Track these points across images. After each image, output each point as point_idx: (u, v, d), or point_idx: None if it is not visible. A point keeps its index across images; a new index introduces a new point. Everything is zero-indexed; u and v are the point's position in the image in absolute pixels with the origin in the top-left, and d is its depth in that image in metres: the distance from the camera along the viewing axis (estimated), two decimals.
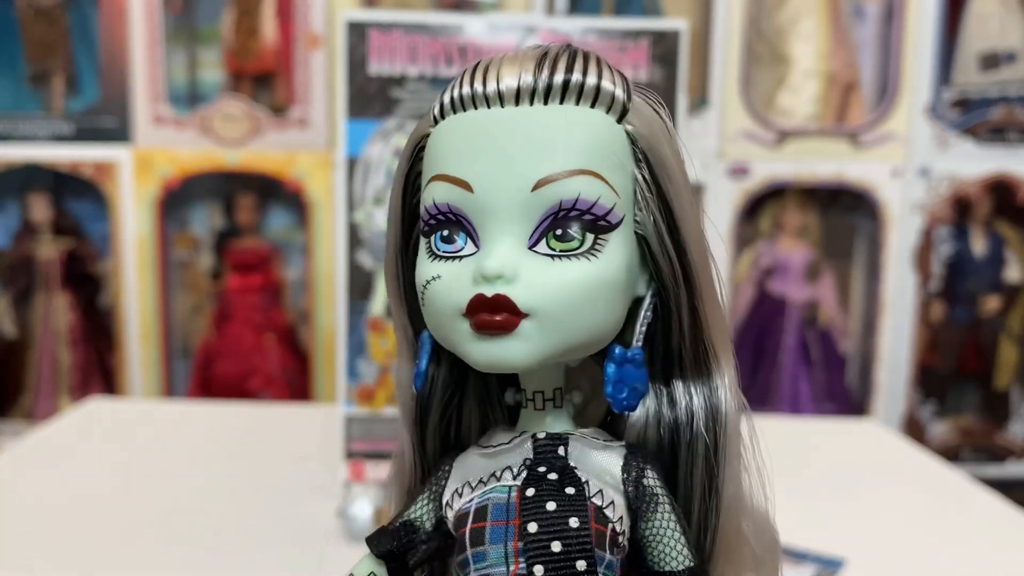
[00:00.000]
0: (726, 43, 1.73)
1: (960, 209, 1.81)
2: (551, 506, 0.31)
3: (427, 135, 0.33)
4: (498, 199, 0.30)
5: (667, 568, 0.32)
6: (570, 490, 0.31)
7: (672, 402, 0.34)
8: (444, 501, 0.34)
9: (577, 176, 0.30)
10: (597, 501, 0.32)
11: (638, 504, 0.32)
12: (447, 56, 0.81)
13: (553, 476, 0.32)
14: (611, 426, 0.36)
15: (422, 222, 0.32)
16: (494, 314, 0.29)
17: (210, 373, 1.77)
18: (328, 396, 1.75)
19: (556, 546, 0.30)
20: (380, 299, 0.83)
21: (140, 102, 1.71)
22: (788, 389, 1.83)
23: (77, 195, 1.80)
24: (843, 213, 1.87)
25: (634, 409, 0.33)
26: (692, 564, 0.33)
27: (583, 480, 0.32)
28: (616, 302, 0.32)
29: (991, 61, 1.79)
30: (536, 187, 0.30)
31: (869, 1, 1.83)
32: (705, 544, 0.34)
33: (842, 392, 1.86)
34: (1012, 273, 1.84)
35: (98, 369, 1.81)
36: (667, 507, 0.33)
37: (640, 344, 0.33)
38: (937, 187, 1.77)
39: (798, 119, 1.82)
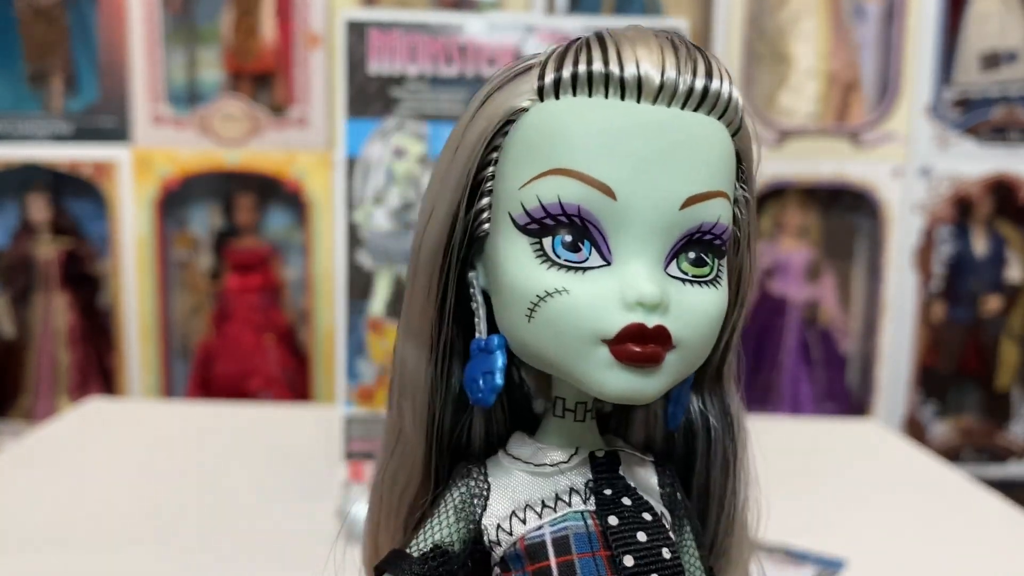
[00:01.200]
0: (726, 42, 1.72)
1: (961, 209, 1.81)
2: (642, 537, 0.29)
3: (523, 109, 0.29)
4: (645, 213, 0.27)
5: None
6: (647, 516, 0.30)
7: (687, 410, 0.34)
8: (493, 524, 0.30)
9: (718, 198, 0.28)
10: (666, 523, 0.30)
11: (671, 518, 0.32)
12: (447, 56, 0.81)
13: (627, 501, 0.30)
14: (614, 428, 0.35)
15: (526, 217, 0.27)
16: (645, 345, 0.26)
17: (209, 373, 1.76)
18: (328, 396, 1.74)
19: None
20: (380, 299, 0.83)
21: (139, 102, 1.71)
22: (789, 389, 1.83)
23: (76, 195, 1.79)
24: (844, 213, 1.87)
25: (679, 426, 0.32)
26: None
27: (651, 505, 0.31)
28: None
29: (992, 61, 1.78)
30: (684, 205, 0.27)
31: (870, 1, 1.82)
32: (720, 547, 0.34)
33: (843, 392, 1.86)
34: (1013, 273, 1.83)
35: (97, 369, 1.81)
36: (690, 524, 0.32)
37: None
38: (938, 187, 1.77)
39: (799, 119, 1.81)
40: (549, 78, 0.28)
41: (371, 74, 0.81)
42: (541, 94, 0.28)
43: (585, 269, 0.27)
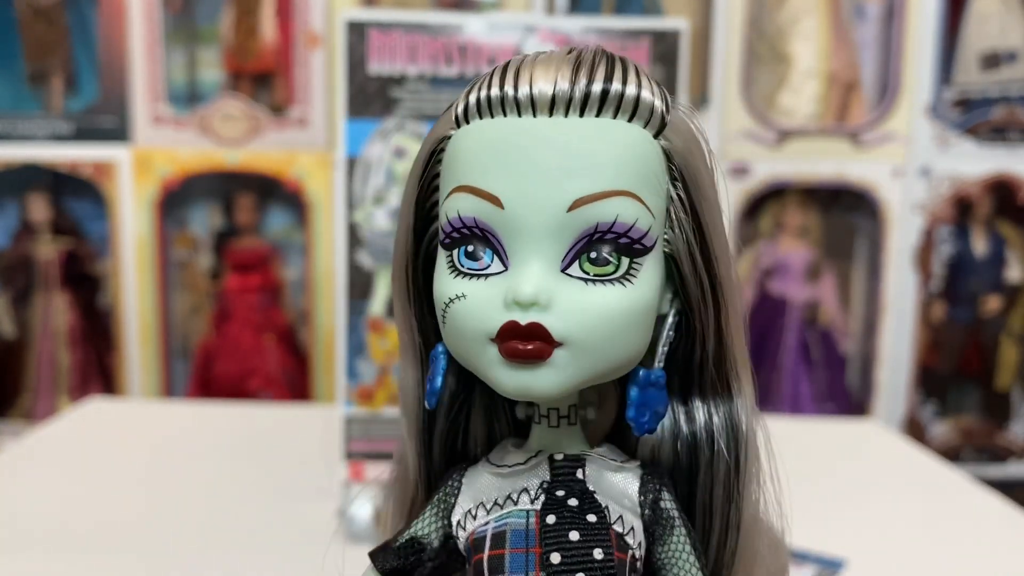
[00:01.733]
0: (726, 43, 1.72)
1: (961, 209, 1.81)
2: (574, 536, 0.30)
3: (448, 137, 0.31)
4: (531, 218, 0.28)
5: None
6: (591, 517, 0.30)
7: (690, 419, 0.34)
8: (455, 520, 0.32)
9: (615, 197, 0.28)
10: (618, 528, 0.31)
11: (654, 527, 0.32)
12: (447, 56, 0.81)
13: (573, 502, 0.31)
14: (620, 439, 0.35)
15: (442, 233, 0.30)
16: (527, 343, 0.28)
17: (209, 373, 1.76)
18: (328, 396, 1.75)
19: None
20: (380, 299, 0.83)
21: (139, 102, 1.71)
22: (789, 389, 1.83)
23: (76, 195, 1.80)
24: (843, 213, 1.87)
25: (654, 431, 0.32)
26: None
27: (603, 506, 0.31)
28: (648, 326, 0.30)
29: (992, 61, 1.78)
30: (572, 207, 0.28)
31: (869, 1, 1.82)
32: (724, 562, 0.34)
33: (843, 392, 1.86)
34: (1013, 273, 1.83)
35: (97, 369, 1.81)
36: (683, 530, 0.32)
37: (662, 365, 0.32)
38: (938, 187, 1.77)
39: (798, 119, 1.81)
40: (460, 106, 0.31)
41: (371, 74, 0.81)
42: (458, 122, 0.31)
43: (487, 276, 0.29)
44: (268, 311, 1.79)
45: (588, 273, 0.29)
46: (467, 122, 0.30)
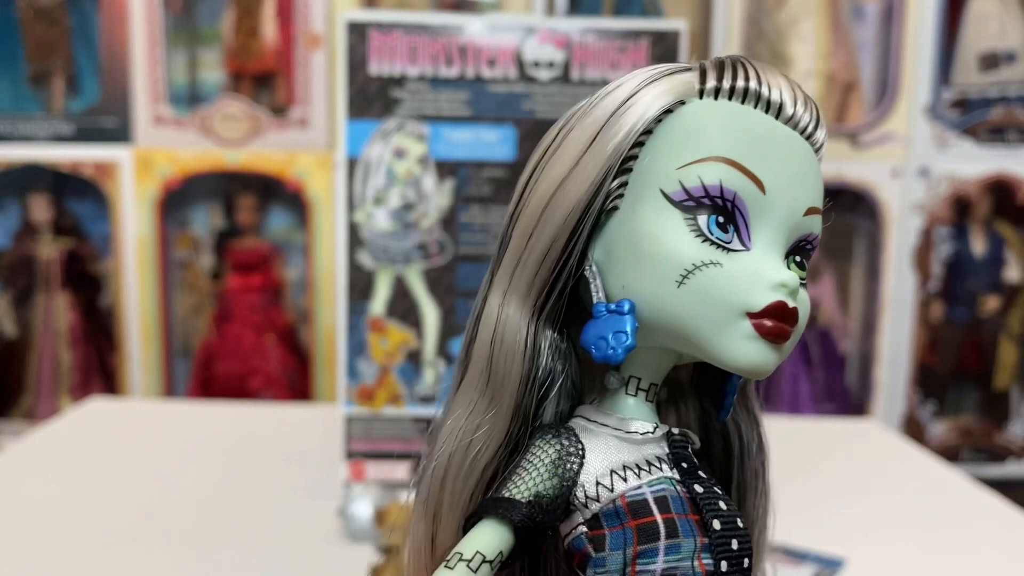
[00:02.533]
0: (726, 43, 1.73)
1: (959, 209, 1.81)
2: (723, 506, 0.32)
3: (682, 102, 0.32)
4: (783, 211, 0.31)
5: None
6: (718, 490, 0.33)
7: (732, 429, 0.38)
8: (592, 480, 0.31)
9: (820, 214, 0.33)
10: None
11: None
12: (447, 56, 0.81)
13: (703, 475, 0.33)
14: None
15: (685, 195, 0.31)
16: (789, 324, 0.30)
17: (210, 373, 1.77)
18: (328, 396, 1.75)
19: (735, 544, 0.31)
20: (380, 299, 0.83)
21: (140, 102, 1.72)
22: (788, 389, 1.83)
23: (77, 195, 1.80)
24: (843, 213, 1.87)
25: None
26: None
27: (716, 482, 0.34)
28: None
29: (990, 61, 1.79)
30: (807, 213, 0.32)
31: (868, 1, 1.83)
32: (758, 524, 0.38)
33: (842, 392, 1.86)
34: (1011, 273, 1.84)
35: (98, 369, 1.81)
36: None
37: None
38: (937, 187, 1.77)
39: None
40: (711, 83, 0.32)
41: (372, 75, 0.81)
42: (702, 94, 0.32)
43: (730, 250, 0.30)
44: (269, 311, 1.79)
45: (795, 272, 0.32)
46: (714, 98, 0.32)
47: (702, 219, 0.30)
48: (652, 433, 0.33)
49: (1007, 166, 1.77)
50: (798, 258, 0.32)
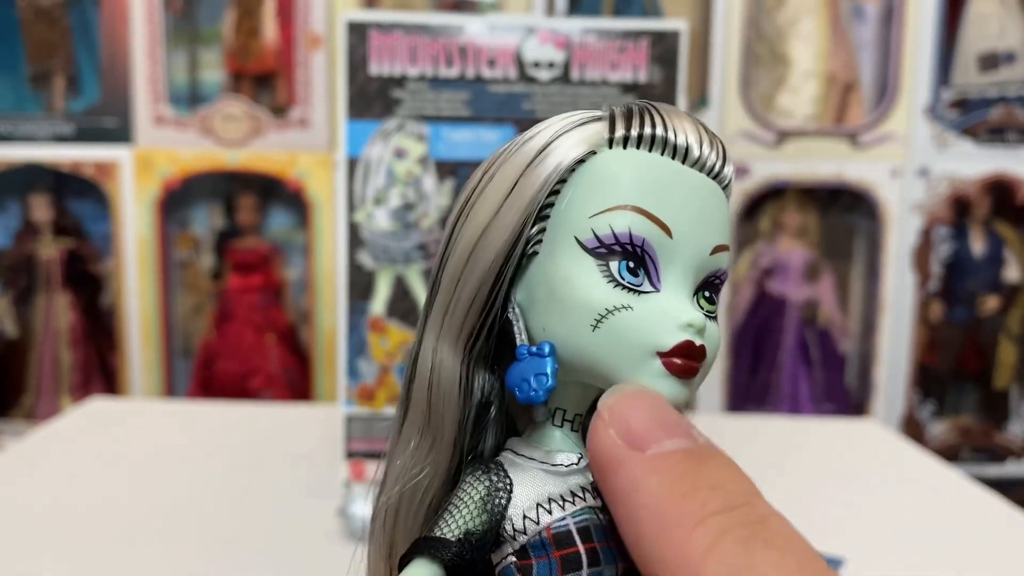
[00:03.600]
0: (726, 43, 1.73)
1: (959, 209, 1.81)
2: None
3: (594, 152, 0.34)
4: (689, 252, 0.33)
5: None
6: None
7: None
8: (518, 514, 0.33)
9: (727, 251, 0.34)
10: None
11: None
12: (447, 57, 0.81)
13: None
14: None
15: (598, 242, 0.32)
16: (696, 361, 0.32)
17: (211, 373, 1.77)
18: (328, 396, 1.75)
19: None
20: (380, 299, 0.83)
21: (141, 102, 1.72)
22: (788, 389, 1.83)
23: (78, 195, 1.80)
24: (842, 213, 1.87)
25: None
26: None
27: None
28: None
29: (990, 61, 1.79)
30: (713, 251, 0.33)
31: (868, 1, 1.83)
32: None
33: (841, 392, 1.86)
34: (1011, 273, 1.84)
35: (99, 369, 1.81)
36: None
37: None
38: (936, 187, 1.77)
39: (797, 119, 1.82)
40: (619, 132, 0.34)
41: (372, 75, 0.81)
42: (611, 143, 0.34)
43: (640, 292, 0.32)
44: (269, 311, 1.79)
45: (702, 308, 0.33)
46: (623, 147, 0.34)
47: (614, 265, 0.32)
48: (577, 464, 0.34)
49: (1007, 166, 1.77)
50: (707, 293, 0.34)
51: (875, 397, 1.82)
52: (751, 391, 1.83)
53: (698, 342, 0.32)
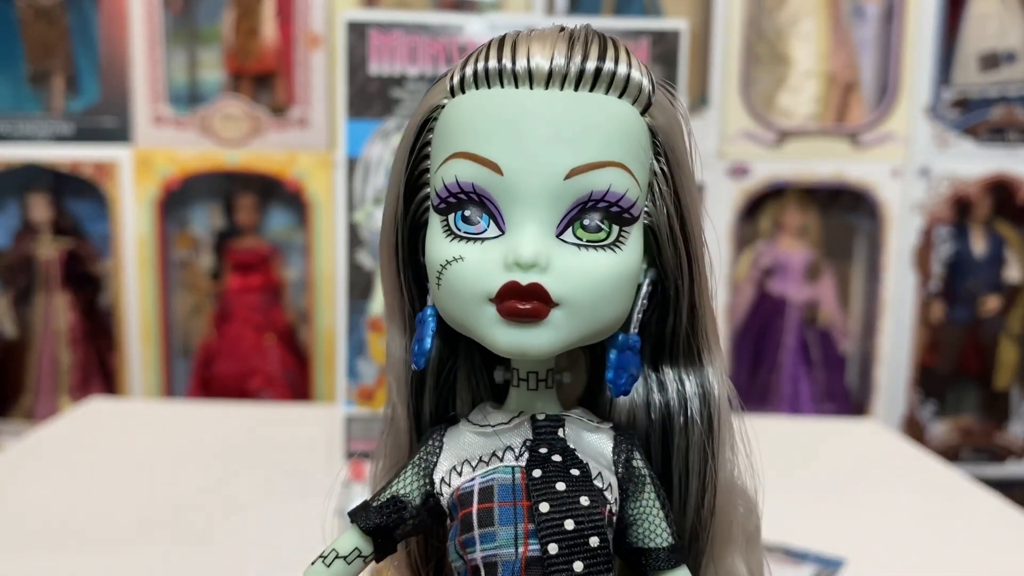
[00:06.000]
0: (726, 43, 1.73)
1: (960, 209, 1.81)
2: (561, 486, 0.31)
3: (441, 106, 0.33)
4: (529, 185, 0.30)
5: (651, 545, 0.33)
6: (575, 471, 0.32)
7: (662, 387, 0.35)
8: (439, 478, 0.33)
9: (609, 168, 0.30)
10: (598, 483, 0.32)
11: (627, 485, 0.33)
12: (447, 56, 0.81)
13: (557, 458, 0.32)
14: (591, 403, 0.37)
15: (437, 198, 0.31)
16: (526, 302, 0.29)
17: (210, 373, 1.77)
18: (328, 396, 1.75)
19: (569, 524, 0.30)
20: (380, 299, 0.83)
21: (140, 102, 1.72)
22: (788, 389, 1.83)
23: (77, 195, 1.80)
24: (843, 213, 1.87)
25: (628, 393, 0.34)
26: (673, 542, 0.33)
27: (584, 462, 0.33)
28: (632, 292, 0.32)
29: (991, 61, 1.79)
30: (569, 175, 0.30)
31: (869, 1, 1.83)
32: (703, 522, 0.35)
33: (842, 392, 1.86)
34: (1012, 273, 1.84)
35: (98, 369, 1.81)
36: (652, 488, 0.34)
37: (637, 331, 0.34)
38: (937, 187, 1.77)
39: (798, 119, 1.82)
40: (457, 77, 0.32)
41: (371, 75, 0.81)
42: (453, 91, 0.32)
43: (483, 239, 0.30)
44: (269, 311, 1.79)
45: (581, 239, 0.30)
46: (463, 92, 0.32)
47: (452, 217, 0.31)
48: (507, 423, 0.33)
49: (1007, 166, 1.77)
50: (588, 221, 0.30)
51: (876, 397, 1.81)
52: (751, 391, 1.83)
53: (526, 280, 0.29)
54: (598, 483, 0.32)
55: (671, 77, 0.81)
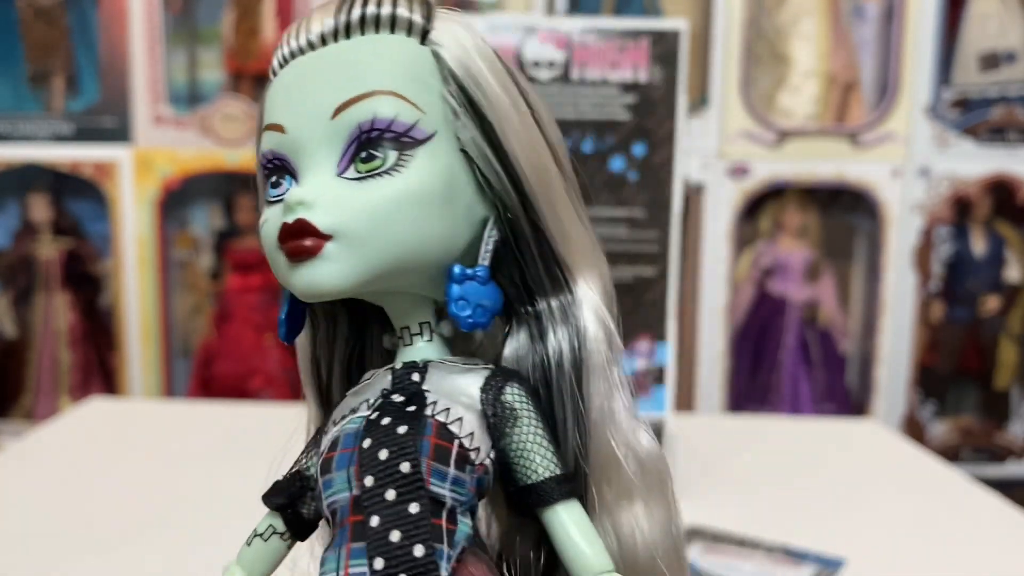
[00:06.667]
0: (726, 43, 1.73)
1: (960, 209, 1.81)
2: (385, 421, 0.31)
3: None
4: (304, 133, 0.31)
5: (533, 479, 0.31)
6: (411, 408, 0.31)
7: (539, 323, 0.34)
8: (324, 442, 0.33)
9: (372, 97, 0.31)
10: (441, 418, 0.31)
11: (497, 421, 0.32)
12: None
13: (399, 398, 0.32)
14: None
15: (262, 177, 0.33)
16: (297, 239, 0.30)
17: (210, 373, 1.77)
18: None
19: (383, 454, 0.30)
20: None
21: (140, 102, 1.72)
22: (788, 389, 1.83)
23: (77, 195, 1.80)
24: (843, 213, 1.87)
25: (486, 327, 0.33)
26: (558, 472, 0.32)
27: (429, 401, 0.32)
28: (433, 217, 0.31)
29: (991, 61, 1.79)
30: (335, 114, 0.31)
31: (869, 1, 1.83)
32: (581, 465, 0.33)
33: (842, 392, 1.86)
34: (1012, 273, 1.84)
35: (98, 369, 1.81)
36: (528, 420, 0.32)
37: (486, 263, 0.33)
38: (937, 187, 1.77)
39: (798, 119, 1.82)
40: (271, 66, 0.34)
41: None
42: (273, 75, 0.34)
43: (282, 200, 0.32)
44: (269, 311, 1.79)
45: (361, 172, 0.31)
46: (274, 76, 0.34)
47: (267, 188, 0.32)
48: (368, 379, 0.34)
49: (1007, 166, 1.77)
50: (364, 153, 0.31)
51: (876, 397, 1.82)
52: (751, 391, 1.83)
53: (293, 218, 0.30)
54: (441, 417, 0.31)
55: (671, 77, 0.81)
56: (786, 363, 1.83)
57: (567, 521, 0.31)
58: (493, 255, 0.33)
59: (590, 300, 0.34)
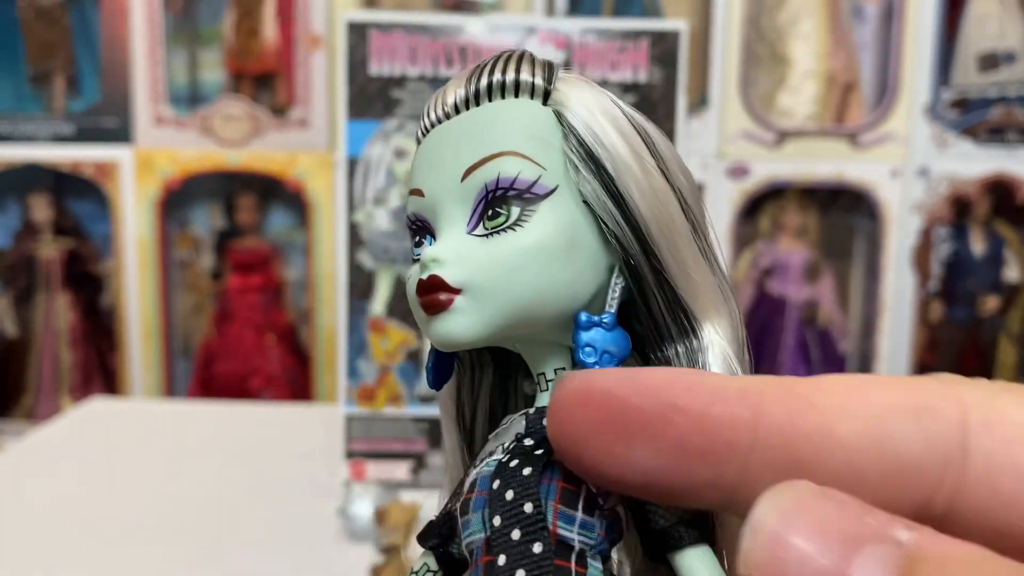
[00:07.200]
0: (725, 43, 1.73)
1: (959, 209, 1.81)
2: (514, 463, 0.31)
3: None
4: (439, 196, 0.33)
5: (661, 524, 0.33)
6: (539, 451, 0.32)
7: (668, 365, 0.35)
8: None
9: (496, 159, 0.32)
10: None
11: None
12: (447, 57, 0.81)
13: (530, 442, 0.32)
14: None
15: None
16: (430, 294, 0.32)
17: (211, 373, 1.77)
18: (328, 396, 1.75)
19: (509, 495, 0.30)
20: (380, 299, 0.83)
21: (141, 102, 1.72)
22: None
23: (78, 195, 1.80)
24: (842, 213, 1.87)
25: None
26: (687, 516, 0.33)
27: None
28: (556, 266, 0.32)
29: (990, 61, 1.79)
30: (464, 177, 0.32)
31: (868, 1, 1.83)
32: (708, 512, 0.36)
33: None
34: (1011, 273, 1.84)
35: (99, 369, 1.81)
36: None
37: (613, 309, 0.33)
38: (936, 187, 1.77)
39: (797, 119, 1.82)
40: (414, 139, 0.36)
41: (372, 75, 0.81)
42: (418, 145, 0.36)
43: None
44: (269, 311, 1.79)
45: (488, 229, 0.32)
46: (418, 145, 0.35)
47: (413, 249, 0.34)
48: (505, 425, 0.34)
49: (1007, 166, 1.77)
50: (490, 211, 0.33)
51: None
52: None
53: (427, 275, 0.32)
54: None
55: (671, 78, 0.81)
56: (786, 363, 1.84)
57: (699, 567, 0.33)
58: (620, 302, 0.34)
59: (717, 345, 0.35)
